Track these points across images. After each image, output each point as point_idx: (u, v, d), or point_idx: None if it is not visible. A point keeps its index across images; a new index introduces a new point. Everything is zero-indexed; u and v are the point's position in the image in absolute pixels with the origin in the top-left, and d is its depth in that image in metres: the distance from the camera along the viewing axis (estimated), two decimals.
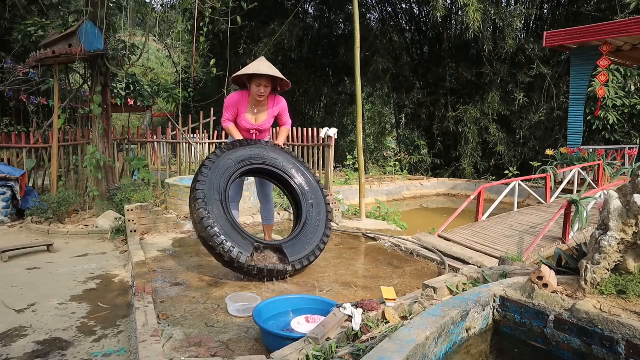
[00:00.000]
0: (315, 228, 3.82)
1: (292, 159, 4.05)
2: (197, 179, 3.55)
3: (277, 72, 3.79)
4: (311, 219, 3.84)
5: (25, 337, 2.82)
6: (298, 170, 4.01)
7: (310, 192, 3.97)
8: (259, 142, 3.93)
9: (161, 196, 6.79)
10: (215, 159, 3.67)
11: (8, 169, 6.25)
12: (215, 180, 3.57)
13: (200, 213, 3.39)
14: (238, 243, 3.41)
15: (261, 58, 3.94)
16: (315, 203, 3.95)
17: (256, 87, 3.78)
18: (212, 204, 3.46)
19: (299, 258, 3.60)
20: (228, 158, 3.72)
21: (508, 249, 4.62)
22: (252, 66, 3.81)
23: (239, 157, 3.77)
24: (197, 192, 3.49)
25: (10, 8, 9.81)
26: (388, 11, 15.06)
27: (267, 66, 3.79)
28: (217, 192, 3.56)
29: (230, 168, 3.70)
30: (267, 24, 13.00)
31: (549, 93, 11.95)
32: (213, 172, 3.60)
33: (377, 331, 2.11)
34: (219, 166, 3.64)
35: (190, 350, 2.49)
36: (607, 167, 8.48)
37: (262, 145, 3.92)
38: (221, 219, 3.44)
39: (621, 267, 2.00)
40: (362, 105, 6.30)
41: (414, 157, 13.54)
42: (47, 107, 9.81)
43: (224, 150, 3.76)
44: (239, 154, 3.80)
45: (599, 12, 11.16)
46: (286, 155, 4.02)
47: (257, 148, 3.89)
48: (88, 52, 5.75)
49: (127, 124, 9.40)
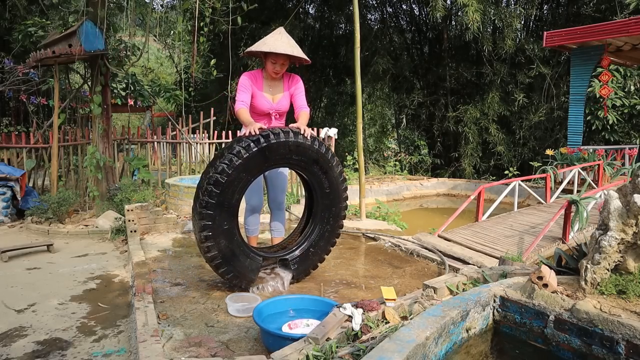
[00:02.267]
0: (325, 234, 3.59)
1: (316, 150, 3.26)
2: (204, 204, 2.96)
3: (296, 49, 3.40)
4: (323, 224, 3.55)
5: (25, 337, 2.82)
6: (323, 166, 3.35)
7: (330, 194, 3.47)
8: (277, 140, 3.05)
9: (161, 196, 6.79)
10: (226, 178, 2.96)
11: (8, 169, 6.25)
12: (226, 202, 3.03)
13: (206, 248, 3.06)
14: (242, 268, 3.21)
15: (279, 30, 3.49)
16: (331, 205, 3.53)
17: (272, 64, 3.40)
18: (219, 234, 3.04)
19: (304, 268, 3.57)
20: (241, 173, 3.03)
21: (508, 249, 4.62)
22: (269, 41, 3.37)
23: (252, 166, 3.09)
24: (202, 223, 2.99)
25: (10, 8, 9.82)
26: (388, 12, 15.08)
27: (286, 42, 3.37)
28: (227, 216, 3.06)
29: (243, 181, 3.09)
30: (268, 24, 13.00)
31: (549, 93, 11.95)
32: (223, 194, 2.99)
33: (377, 331, 2.11)
34: (231, 183, 3.01)
35: (190, 350, 2.49)
36: (607, 167, 8.48)
37: (282, 143, 3.07)
38: (227, 249, 3.10)
39: (621, 267, 2.00)
40: (362, 105, 6.29)
41: (414, 157, 13.55)
42: (47, 107, 9.82)
43: (236, 163, 2.97)
44: (254, 162, 3.06)
45: (598, 12, 11.17)
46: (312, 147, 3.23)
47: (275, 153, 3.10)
48: (88, 52, 5.75)
49: (127, 124, 9.40)
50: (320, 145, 3.25)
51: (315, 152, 3.24)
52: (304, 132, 3.16)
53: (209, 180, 2.98)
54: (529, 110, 12.27)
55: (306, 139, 3.16)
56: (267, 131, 3.04)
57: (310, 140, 3.19)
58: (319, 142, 3.25)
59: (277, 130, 3.06)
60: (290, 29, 12.59)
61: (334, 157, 3.38)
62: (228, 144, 3.13)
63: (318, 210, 3.53)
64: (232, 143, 3.08)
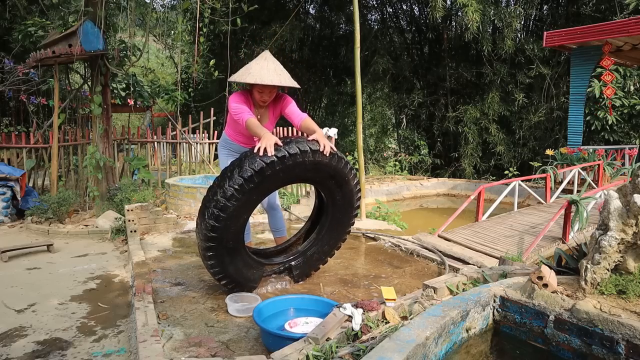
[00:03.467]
0: (331, 241, 3.57)
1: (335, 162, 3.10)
2: (210, 227, 2.81)
3: (284, 75, 3.19)
4: (331, 232, 3.51)
5: (25, 337, 2.82)
6: (339, 181, 3.21)
7: (342, 205, 3.38)
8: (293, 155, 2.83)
9: (161, 196, 6.80)
10: (235, 203, 2.78)
11: (8, 169, 6.25)
12: (233, 225, 2.90)
13: (209, 265, 3.00)
14: (245, 280, 3.17)
15: (265, 55, 3.25)
16: (342, 215, 3.45)
17: (258, 93, 3.22)
18: (223, 254, 2.96)
19: (306, 272, 3.58)
20: (252, 196, 2.88)
21: (508, 249, 4.62)
22: (254, 69, 3.13)
23: (264, 189, 2.94)
24: (207, 245, 2.87)
25: (10, 8, 9.82)
26: (388, 12, 15.07)
27: (272, 69, 3.15)
28: (233, 236, 2.96)
29: (253, 202, 2.96)
30: (268, 24, 13.00)
31: (549, 93, 11.96)
32: (230, 218, 2.83)
33: (377, 331, 2.11)
34: (240, 207, 2.85)
35: (190, 350, 2.49)
36: (607, 167, 8.48)
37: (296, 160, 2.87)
38: (230, 265, 3.05)
39: (621, 267, 2.01)
40: (362, 105, 6.29)
41: (414, 157, 13.55)
42: (47, 107, 9.82)
43: (246, 187, 2.76)
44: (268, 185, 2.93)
45: (598, 12, 11.17)
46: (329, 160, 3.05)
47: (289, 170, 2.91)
48: (88, 52, 5.75)
49: (127, 124, 9.40)
50: (338, 160, 3.07)
51: (332, 168, 3.07)
52: (323, 149, 2.93)
53: (216, 203, 2.77)
54: (529, 110, 12.27)
55: (325, 156, 2.95)
56: (284, 151, 2.77)
57: (329, 157, 2.99)
58: (337, 156, 3.06)
59: (295, 150, 2.81)
60: (291, 29, 12.62)
61: (351, 171, 3.21)
62: (239, 160, 2.84)
63: (327, 219, 3.48)
64: (243, 160, 2.80)
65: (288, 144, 2.84)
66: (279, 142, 2.84)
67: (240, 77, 3.14)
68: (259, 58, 3.22)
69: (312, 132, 3.07)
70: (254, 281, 3.27)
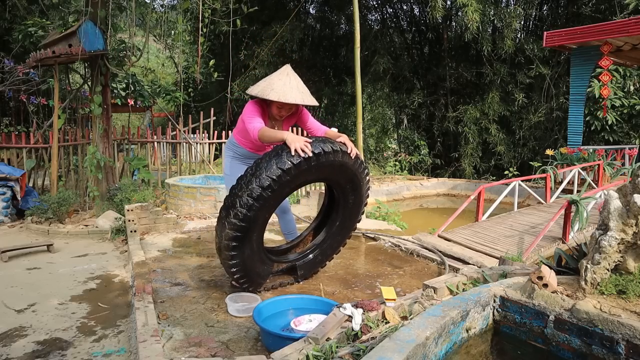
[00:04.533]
0: (335, 243, 3.63)
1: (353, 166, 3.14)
2: (240, 217, 2.79)
3: (306, 94, 3.14)
4: (338, 233, 3.59)
5: (25, 337, 2.82)
6: (355, 184, 3.29)
7: (353, 208, 3.45)
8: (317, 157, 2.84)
9: (161, 196, 6.80)
10: (269, 194, 2.80)
11: (8, 169, 6.25)
12: (262, 217, 2.94)
13: (229, 256, 2.98)
14: (256, 275, 3.19)
15: (287, 70, 3.16)
16: (350, 217, 3.52)
17: (277, 108, 3.16)
18: (246, 245, 2.98)
19: (309, 272, 3.62)
20: (285, 189, 2.91)
21: (508, 249, 4.62)
22: (277, 86, 3.04)
23: (296, 183, 2.97)
24: (233, 234, 2.86)
25: (10, 8, 9.82)
26: (388, 12, 15.07)
27: (295, 86, 3.08)
28: (259, 229, 3.02)
29: (284, 195, 3.02)
30: (269, 24, 13.00)
31: (549, 93, 11.96)
32: (262, 209, 2.85)
33: (377, 331, 2.11)
34: (273, 198, 2.88)
35: (190, 350, 2.49)
36: (607, 167, 8.48)
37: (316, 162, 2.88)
38: (248, 259, 3.05)
39: (621, 267, 2.00)
40: (362, 105, 6.29)
41: (414, 157, 13.55)
42: (47, 107, 9.82)
43: (283, 180, 2.79)
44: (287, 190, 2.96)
45: (598, 12, 11.16)
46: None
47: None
48: (88, 52, 5.75)
49: (127, 124, 9.40)
50: (360, 164, 3.17)
51: (353, 172, 3.16)
52: (351, 152, 3.03)
53: (250, 192, 2.75)
54: (529, 110, 12.27)
55: (351, 158, 3.05)
56: (320, 147, 2.84)
57: (353, 160, 3.08)
58: (359, 160, 3.16)
59: (329, 149, 2.87)
60: (291, 29, 12.62)
61: (367, 176, 3.33)
62: (275, 151, 2.84)
63: (336, 221, 3.54)
64: (281, 153, 2.80)
65: (323, 142, 2.89)
66: (307, 139, 2.86)
67: (262, 92, 3.05)
68: (280, 73, 3.15)
69: (337, 137, 3.11)
70: (263, 277, 3.29)
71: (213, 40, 11.78)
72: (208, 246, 4.74)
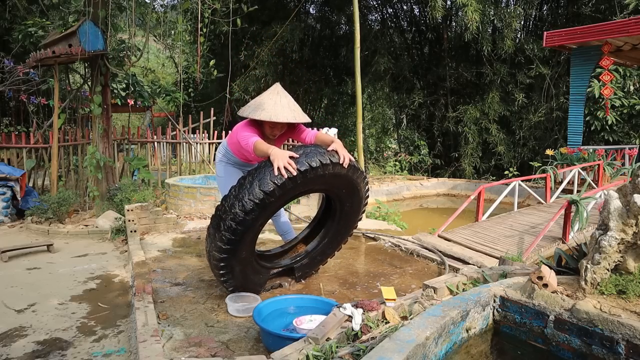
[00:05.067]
0: (333, 245, 3.64)
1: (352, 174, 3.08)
2: (225, 240, 2.77)
3: (297, 111, 3.11)
4: (335, 236, 3.58)
5: (25, 337, 2.82)
6: (351, 190, 3.24)
7: (350, 212, 3.42)
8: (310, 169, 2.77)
9: (161, 196, 6.80)
10: (253, 216, 2.74)
11: (8, 169, 6.25)
12: (249, 236, 2.89)
13: (220, 275, 2.98)
14: (250, 284, 3.17)
15: (277, 89, 3.16)
16: (348, 221, 3.51)
17: (270, 128, 3.15)
18: (236, 263, 2.95)
19: (306, 273, 3.62)
20: (270, 208, 2.84)
21: (508, 249, 4.62)
22: (268, 105, 3.03)
23: (283, 200, 2.93)
24: (220, 256, 2.84)
25: (11, 8, 9.82)
26: (388, 12, 15.07)
27: (286, 105, 3.06)
28: (248, 246, 2.97)
29: (271, 212, 2.96)
30: (269, 24, 13.01)
31: (549, 93, 11.96)
32: (247, 231, 2.80)
33: (377, 331, 2.11)
34: (258, 218, 2.82)
35: (190, 350, 2.49)
36: (607, 167, 8.48)
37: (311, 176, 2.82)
38: (239, 273, 3.03)
39: (621, 267, 2.01)
40: (362, 105, 6.29)
41: (414, 157, 13.55)
42: (47, 107, 9.82)
43: (266, 201, 2.72)
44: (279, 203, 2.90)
45: (598, 12, 11.16)
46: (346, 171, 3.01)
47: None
48: (88, 52, 5.75)
49: (127, 124, 9.40)
50: (354, 171, 3.07)
51: (348, 180, 3.08)
52: (343, 161, 2.91)
53: (234, 216, 2.70)
54: (529, 110, 12.27)
55: (344, 167, 2.93)
56: (306, 164, 2.72)
57: (347, 169, 2.97)
58: (354, 167, 3.05)
59: (317, 163, 2.76)
60: (291, 29, 12.62)
61: (363, 180, 3.24)
62: (258, 171, 2.76)
63: (334, 225, 3.52)
64: (264, 172, 2.72)
65: (309, 156, 2.78)
66: (294, 154, 2.78)
67: (253, 113, 3.04)
68: (270, 92, 3.14)
69: (329, 143, 3.01)
70: (260, 285, 3.30)
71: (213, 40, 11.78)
72: None
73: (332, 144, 2.97)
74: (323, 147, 2.95)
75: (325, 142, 3.04)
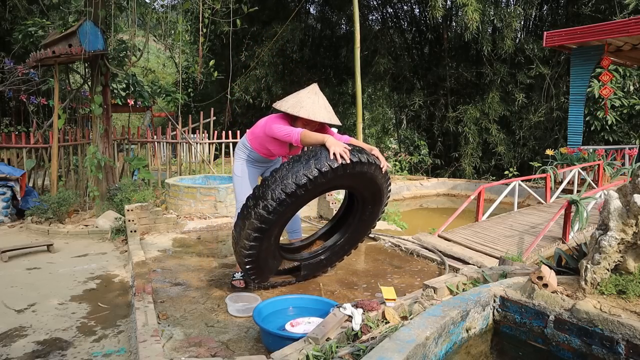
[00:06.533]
0: (346, 247, 3.65)
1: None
2: (271, 209, 2.78)
3: (332, 115, 3.21)
4: (351, 239, 3.61)
5: (25, 337, 2.82)
6: (377, 195, 3.32)
7: (370, 216, 3.48)
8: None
9: (161, 196, 6.80)
10: (303, 191, 2.79)
11: (8, 169, 6.25)
12: (290, 213, 2.96)
13: (248, 247, 2.97)
14: (266, 269, 3.22)
15: (315, 89, 3.24)
16: (366, 224, 3.55)
17: (303, 125, 3.18)
18: (265, 239, 2.98)
19: (314, 272, 3.63)
20: (317, 189, 2.91)
21: (508, 249, 4.61)
22: (306, 104, 3.11)
23: (328, 186, 2.99)
24: (260, 226, 2.85)
25: (11, 9, 9.82)
26: (389, 12, 15.07)
27: (323, 106, 3.16)
28: (282, 224, 3.05)
29: (314, 195, 3.04)
30: (269, 24, 13.01)
31: (549, 93, 11.95)
32: (293, 205, 2.86)
33: (377, 331, 2.11)
34: (304, 196, 2.86)
35: (190, 350, 2.49)
36: (607, 167, 8.48)
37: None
38: (265, 252, 3.08)
39: (621, 267, 2.00)
40: (363, 105, 6.29)
41: (414, 157, 13.55)
42: (47, 107, 9.82)
43: (319, 180, 2.78)
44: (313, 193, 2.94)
45: (598, 12, 11.16)
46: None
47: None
48: (88, 52, 5.75)
49: (127, 124, 9.40)
50: (387, 179, 3.21)
51: (379, 186, 3.18)
52: (383, 166, 3.06)
53: (285, 187, 2.73)
54: (529, 110, 12.27)
55: (381, 172, 3.07)
56: (357, 156, 2.84)
57: (383, 174, 3.10)
58: (387, 175, 3.20)
59: (365, 159, 2.88)
60: (291, 29, 12.62)
61: (388, 188, 3.32)
62: (312, 153, 2.82)
63: (351, 227, 3.56)
64: (320, 154, 2.79)
65: (360, 152, 2.89)
66: (347, 145, 2.88)
67: (292, 109, 3.10)
68: (309, 92, 3.22)
69: (370, 149, 3.10)
70: (270, 272, 3.31)
71: (213, 40, 11.78)
72: (208, 246, 4.75)
73: (373, 150, 3.10)
74: (367, 150, 3.03)
75: (366, 149, 3.12)
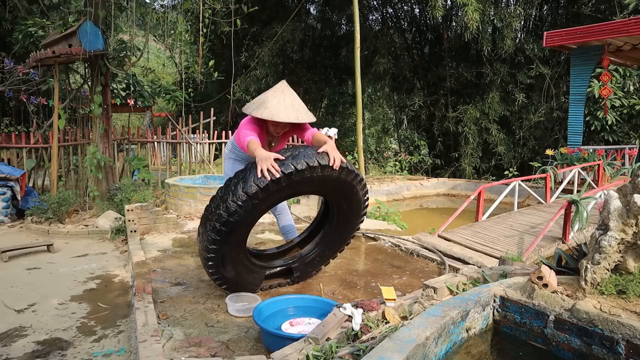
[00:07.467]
0: (334, 246, 3.61)
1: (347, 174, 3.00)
2: (211, 240, 2.79)
3: (301, 111, 3.05)
4: (335, 238, 3.55)
5: (25, 337, 2.82)
6: (346, 191, 3.16)
7: (348, 214, 3.36)
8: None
9: (161, 196, 6.80)
10: (237, 218, 2.73)
11: (8, 169, 6.25)
12: (235, 237, 2.88)
13: (210, 273, 3.01)
14: (245, 283, 3.18)
15: (282, 87, 3.10)
16: (347, 222, 3.45)
17: (273, 126, 3.12)
18: (225, 262, 2.97)
19: (306, 274, 3.61)
20: (255, 210, 2.81)
21: (508, 249, 4.62)
22: (271, 104, 2.98)
23: (269, 202, 2.89)
24: (209, 255, 2.86)
25: (11, 9, 9.82)
26: (389, 12, 15.08)
27: (289, 104, 3.01)
28: (235, 247, 2.96)
29: (257, 214, 2.90)
30: (269, 25, 13.01)
31: (549, 93, 11.96)
32: (232, 233, 2.80)
33: (377, 331, 2.11)
34: (242, 221, 2.79)
35: (190, 350, 2.49)
36: (607, 167, 8.48)
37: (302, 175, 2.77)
38: (230, 272, 3.04)
39: (621, 267, 2.00)
40: (363, 105, 6.29)
41: (414, 157, 13.55)
42: (47, 107, 9.82)
43: (249, 204, 2.70)
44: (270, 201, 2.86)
45: (598, 12, 11.16)
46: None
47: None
48: (88, 52, 5.75)
49: (127, 124, 9.40)
50: (347, 172, 2.97)
51: (341, 181, 2.99)
52: (333, 163, 2.83)
53: (218, 217, 2.72)
54: (529, 110, 12.27)
55: (334, 170, 2.85)
56: (291, 167, 2.68)
57: (338, 171, 2.88)
58: (347, 169, 2.95)
59: (303, 166, 2.71)
60: (292, 29, 12.62)
61: (360, 182, 3.14)
62: (243, 173, 2.75)
63: (332, 227, 3.50)
64: (248, 174, 2.71)
65: (295, 159, 2.72)
66: (279, 156, 2.73)
67: (256, 111, 3.01)
68: (275, 90, 3.09)
69: (323, 143, 2.94)
70: (254, 284, 3.29)
71: (214, 40, 11.78)
72: None
73: (323, 146, 2.89)
74: (314, 148, 2.87)
75: (320, 143, 2.97)
